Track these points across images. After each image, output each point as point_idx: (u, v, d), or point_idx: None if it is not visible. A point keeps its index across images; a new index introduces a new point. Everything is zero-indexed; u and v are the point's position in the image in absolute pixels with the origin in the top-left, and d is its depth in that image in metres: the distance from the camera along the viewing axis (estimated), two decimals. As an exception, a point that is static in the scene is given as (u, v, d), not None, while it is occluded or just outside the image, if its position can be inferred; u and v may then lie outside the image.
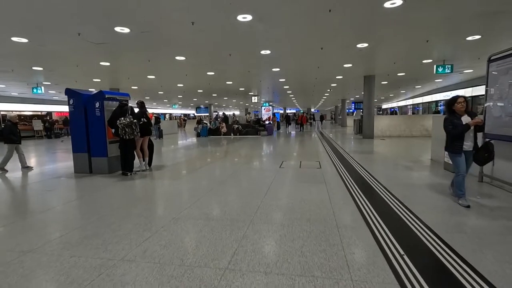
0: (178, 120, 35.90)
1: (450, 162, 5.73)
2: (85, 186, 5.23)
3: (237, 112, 50.26)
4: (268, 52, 8.57)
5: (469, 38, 7.56)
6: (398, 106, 35.06)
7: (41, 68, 10.31)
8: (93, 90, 6.93)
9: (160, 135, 17.26)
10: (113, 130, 6.04)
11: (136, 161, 6.59)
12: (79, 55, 8.49)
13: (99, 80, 13.31)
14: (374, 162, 7.20)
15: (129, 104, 6.33)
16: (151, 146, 7.09)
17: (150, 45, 7.64)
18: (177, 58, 9.15)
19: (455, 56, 9.75)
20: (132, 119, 5.95)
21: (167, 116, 43.08)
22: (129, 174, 6.09)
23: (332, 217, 3.32)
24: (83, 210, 3.83)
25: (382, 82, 15.97)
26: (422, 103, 24.00)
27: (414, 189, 4.46)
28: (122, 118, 5.90)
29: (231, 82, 15.04)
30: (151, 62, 9.63)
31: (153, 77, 12.67)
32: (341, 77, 13.80)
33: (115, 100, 6.51)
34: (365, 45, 7.99)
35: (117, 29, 6.25)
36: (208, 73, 12.00)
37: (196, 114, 33.91)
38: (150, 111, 39.99)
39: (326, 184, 4.91)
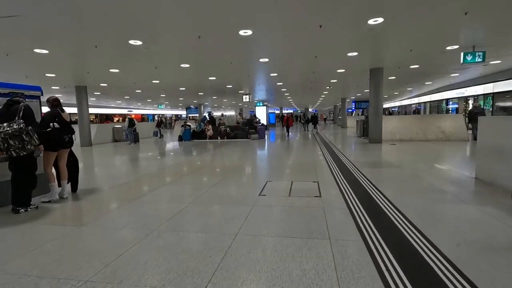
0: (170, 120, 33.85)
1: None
2: None
3: (231, 113, 48.05)
4: (249, 32, 6.41)
5: (526, 8, 5.44)
6: (400, 106, 32.99)
7: (-38, 58, 8.09)
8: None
9: (135, 139, 15.06)
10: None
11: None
12: (-7, 36, 6.28)
13: (54, 75, 11.09)
14: (397, 184, 5.03)
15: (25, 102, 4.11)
16: (74, 163, 4.91)
17: (84, 21, 5.45)
18: (132, 42, 6.96)
19: (491, 39, 7.63)
20: (22, 125, 3.75)
21: (155, 117, 40.71)
22: (21, 210, 3.89)
23: None
24: None
25: (390, 77, 13.86)
26: (430, 101, 21.91)
27: (505, 261, 2.30)
28: (5, 124, 3.71)
29: (214, 78, 12.86)
30: (100, 49, 7.43)
31: (116, 71, 10.47)
32: (343, 70, 11.67)
33: (5, 95, 4.31)
34: (380, 20, 5.85)
35: (6, -14, 4.06)
36: (182, 65, 9.83)
37: (188, 115, 31.50)
38: (135, 112, 37.71)
39: (331, 240, 2.75)
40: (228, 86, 16.03)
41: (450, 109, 18.69)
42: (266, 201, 4.15)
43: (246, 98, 20.28)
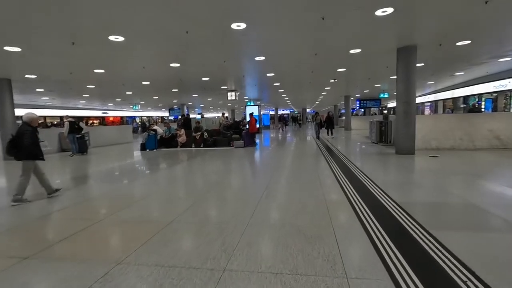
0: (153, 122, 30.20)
1: None
2: None
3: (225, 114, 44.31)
4: None
5: None
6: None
7: None
8: None
9: (81, 150, 11.39)
10: None
11: None
12: None
13: None
14: None
15: None
16: None
17: None
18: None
19: None
20: None
21: (137, 119, 37.02)
22: None
23: None
24: None
25: (417, 64, 10.32)
26: (453, 98, 18.48)
27: None
28: None
29: (178, 65, 9.27)
30: None
31: (16, 49, 6.83)
32: (358, 51, 8.13)
33: None
34: None
35: None
36: (111, 37, 6.23)
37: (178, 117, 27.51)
38: (111, 113, 33.94)
39: None
40: (204, 79, 12.41)
41: (483, 106, 15.24)
42: None
43: (231, 96, 16.69)
